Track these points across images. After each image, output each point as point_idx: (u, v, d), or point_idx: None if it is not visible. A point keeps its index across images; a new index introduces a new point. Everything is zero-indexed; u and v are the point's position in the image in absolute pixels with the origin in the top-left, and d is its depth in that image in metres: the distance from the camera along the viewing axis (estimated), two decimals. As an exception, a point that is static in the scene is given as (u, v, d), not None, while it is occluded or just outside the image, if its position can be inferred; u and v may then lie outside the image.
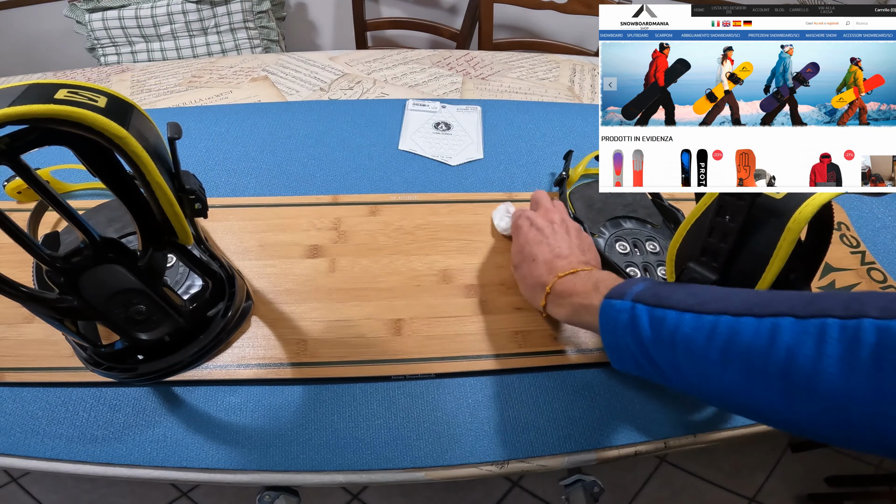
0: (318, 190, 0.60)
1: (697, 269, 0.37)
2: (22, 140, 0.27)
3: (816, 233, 0.38)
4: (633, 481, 1.06)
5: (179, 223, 0.34)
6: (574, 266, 0.42)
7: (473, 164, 0.65)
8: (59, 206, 0.31)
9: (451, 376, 0.45)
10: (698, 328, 0.30)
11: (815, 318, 0.25)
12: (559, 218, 0.48)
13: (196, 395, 0.43)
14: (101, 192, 0.56)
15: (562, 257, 0.44)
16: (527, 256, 0.45)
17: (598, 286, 0.38)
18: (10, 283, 0.32)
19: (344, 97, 0.75)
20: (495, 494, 1.02)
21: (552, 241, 0.45)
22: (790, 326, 0.26)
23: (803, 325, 0.26)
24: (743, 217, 0.34)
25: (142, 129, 0.30)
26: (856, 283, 0.55)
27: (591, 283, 0.39)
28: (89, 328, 0.42)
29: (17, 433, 0.40)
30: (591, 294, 0.38)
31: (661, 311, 0.32)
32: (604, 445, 0.43)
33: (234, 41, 1.31)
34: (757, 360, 0.27)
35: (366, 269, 0.52)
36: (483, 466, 0.41)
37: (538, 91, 0.80)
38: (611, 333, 0.35)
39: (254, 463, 0.40)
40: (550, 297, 0.42)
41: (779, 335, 0.26)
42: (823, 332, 0.25)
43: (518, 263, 0.47)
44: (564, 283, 0.41)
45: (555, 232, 0.46)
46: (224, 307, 0.43)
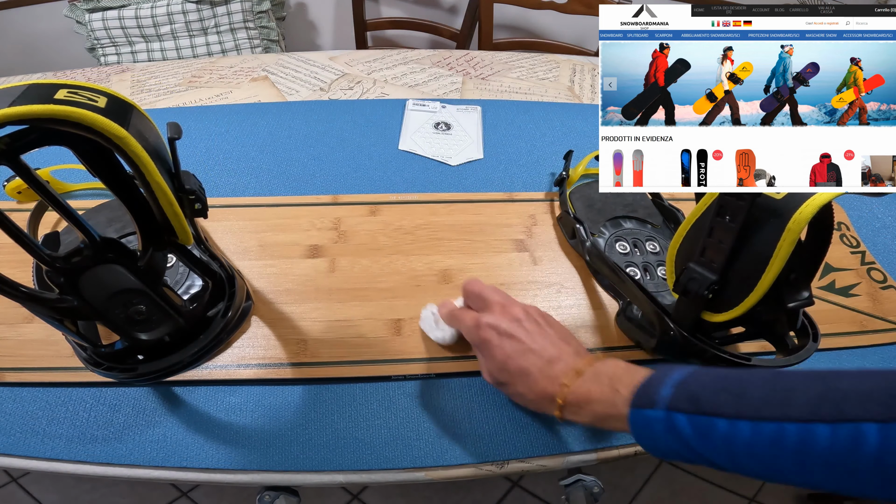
0: (318, 190, 0.60)
1: (697, 269, 0.37)
2: (22, 140, 0.27)
3: (816, 233, 0.38)
4: (633, 481, 1.06)
5: (179, 223, 0.34)
6: (572, 366, 0.38)
7: (473, 164, 0.65)
8: (59, 206, 0.30)
9: (451, 376, 0.45)
10: (759, 436, 0.27)
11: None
12: (520, 311, 0.41)
13: (196, 395, 0.43)
14: (101, 192, 0.56)
15: (555, 361, 0.38)
16: (515, 373, 0.39)
17: (615, 387, 0.34)
18: (10, 283, 0.32)
19: (344, 97, 0.75)
20: (495, 494, 1.02)
21: (534, 345, 0.39)
22: (875, 433, 0.24)
23: (890, 430, 0.24)
24: (743, 217, 0.34)
25: (142, 129, 0.30)
26: (856, 283, 0.55)
27: (607, 384, 0.35)
28: (89, 328, 0.42)
29: (17, 433, 0.40)
30: (612, 399, 0.34)
31: (705, 419, 0.29)
32: (604, 445, 0.43)
33: (234, 41, 1.31)
34: (841, 465, 0.25)
35: (366, 269, 0.52)
36: (483, 466, 0.41)
37: (538, 91, 0.80)
38: (648, 440, 0.32)
39: (254, 463, 0.40)
40: (566, 408, 0.37)
41: (864, 442, 0.25)
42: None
43: (506, 381, 0.40)
44: (576, 392, 0.36)
45: (528, 332, 0.40)
46: (224, 307, 0.43)
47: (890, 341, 0.51)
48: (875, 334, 0.51)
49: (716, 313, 0.38)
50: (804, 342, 0.39)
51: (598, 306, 0.51)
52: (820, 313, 0.52)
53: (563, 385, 0.37)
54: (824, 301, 0.53)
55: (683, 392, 0.31)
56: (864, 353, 0.50)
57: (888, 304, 0.54)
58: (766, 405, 0.28)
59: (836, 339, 0.50)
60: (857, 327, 0.51)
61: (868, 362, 0.49)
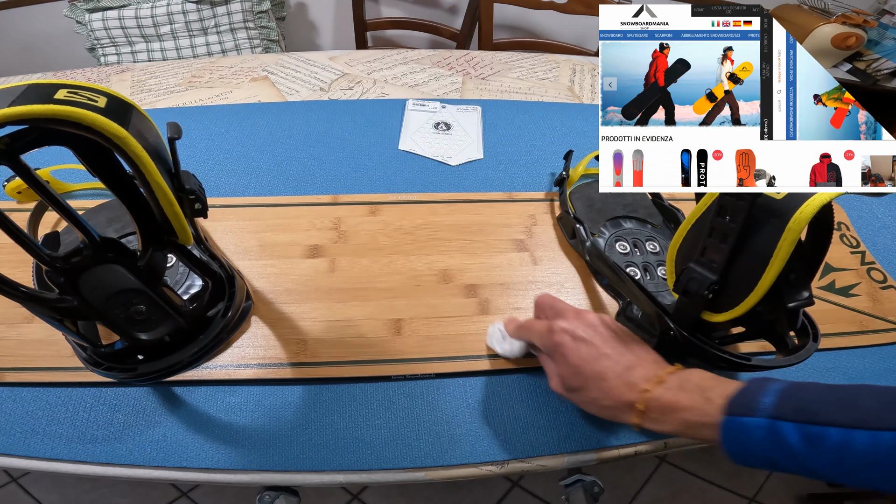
0: (318, 190, 0.60)
1: (697, 269, 0.37)
2: (22, 140, 0.27)
3: (816, 233, 0.38)
4: (633, 481, 1.06)
5: (179, 223, 0.34)
6: (653, 373, 0.37)
7: (473, 164, 0.65)
8: (59, 206, 0.30)
9: (451, 376, 0.45)
10: (879, 446, 0.27)
11: None
12: (595, 318, 0.41)
13: (196, 395, 0.43)
14: (101, 192, 0.56)
15: (634, 367, 0.37)
16: (590, 377, 0.38)
17: (706, 396, 0.34)
18: (10, 283, 0.32)
19: (344, 97, 0.75)
20: (495, 494, 1.02)
21: (610, 350, 0.38)
22: None
23: None
24: (743, 217, 0.33)
25: (142, 129, 0.30)
26: (856, 282, 0.55)
27: (696, 392, 0.34)
28: (89, 328, 0.42)
29: (17, 433, 0.40)
30: (703, 408, 0.34)
31: (816, 429, 0.29)
32: (604, 445, 0.43)
33: (234, 41, 1.31)
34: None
35: (366, 269, 0.52)
36: (483, 466, 0.41)
37: (538, 91, 0.80)
38: (739, 449, 0.32)
39: (254, 463, 0.40)
40: (648, 415, 0.36)
41: None
42: None
43: (579, 386, 0.38)
44: (661, 399, 0.35)
45: (604, 337, 0.39)
46: (224, 307, 0.43)
47: (890, 341, 0.51)
48: (875, 334, 0.51)
49: (716, 313, 0.38)
50: (804, 342, 0.39)
51: (598, 306, 0.51)
52: (820, 313, 0.52)
53: (644, 391, 0.36)
54: (824, 301, 0.53)
55: (789, 401, 0.30)
56: (864, 353, 0.50)
57: (888, 304, 0.54)
58: (880, 413, 0.28)
59: (836, 339, 0.50)
60: (857, 327, 0.51)
61: (868, 362, 0.49)
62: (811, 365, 0.48)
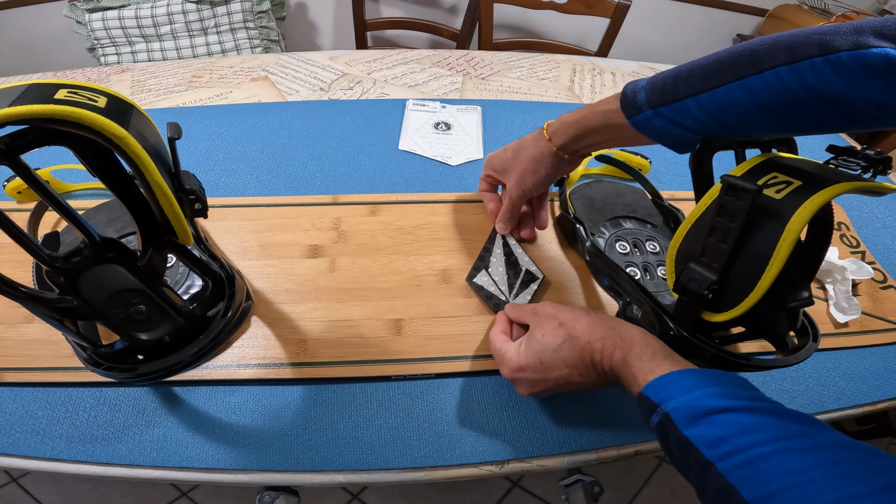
0: (318, 190, 0.60)
1: (697, 269, 0.37)
2: (22, 140, 0.27)
3: (816, 233, 0.38)
4: (633, 481, 1.06)
5: (179, 223, 0.34)
6: None
7: (473, 164, 0.65)
8: (59, 206, 0.30)
9: (451, 376, 0.45)
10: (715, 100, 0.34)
11: None
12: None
13: (196, 395, 0.43)
14: (101, 192, 0.56)
15: None
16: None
17: None
18: (10, 283, 0.32)
19: (344, 97, 0.75)
20: (495, 494, 1.02)
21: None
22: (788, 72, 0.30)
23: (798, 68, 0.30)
24: (743, 217, 0.33)
25: (142, 129, 0.30)
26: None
27: None
28: (89, 328, 0.42)
29: (17, 433, 0.40)
30: None
31: (680, 104, 0.36)
32: (604, 445, 0.43)
33: (234, 41, 1.31)
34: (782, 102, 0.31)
35: (366, 269, 0.52)
36: (483, 466, 0.41)
37: (538, 91, 0.80)
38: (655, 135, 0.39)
39: (254, 463, 0.40)
40: None
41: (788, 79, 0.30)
42: None
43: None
44: None
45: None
46: (224, 307, 0.43)
47: (890, 341, 0.51)
48: (875, 334, 0.51)
49: (716, 313, 0.38)
50: (804, 342, 0.39)
51: (598, 306, 0.51)
52: (820, 313, 0.52)
53: None
54: (824, 301, 0.53)
55: (652, 94, 0.37)
56: (864, 353, 0.50)
57: (888, 304, 0.54)
58: (703, 80, 0.34)
59: (837, 339, 0.50)
60: (856, 327, 0.51)
61: (868, 362, 0.49)
62: (811, 365, 0.48)
